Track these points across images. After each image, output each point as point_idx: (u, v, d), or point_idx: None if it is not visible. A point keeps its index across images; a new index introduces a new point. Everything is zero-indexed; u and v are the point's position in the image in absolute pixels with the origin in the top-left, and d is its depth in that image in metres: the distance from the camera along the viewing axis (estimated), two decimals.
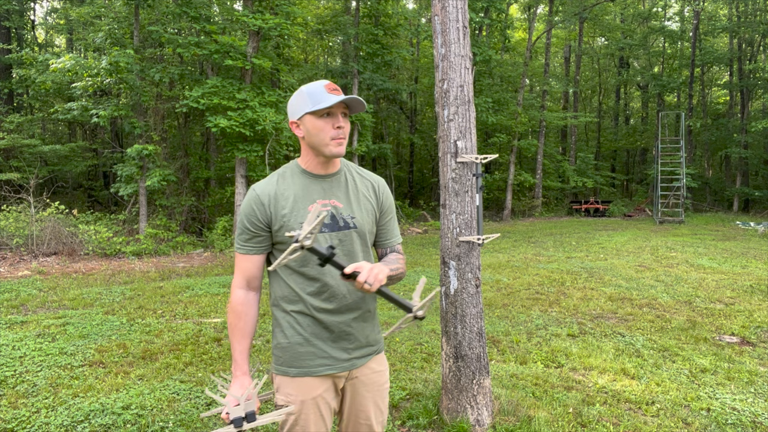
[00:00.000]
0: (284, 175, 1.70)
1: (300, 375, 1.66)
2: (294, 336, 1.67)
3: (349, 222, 1.69)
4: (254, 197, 1.65)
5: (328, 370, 1.68)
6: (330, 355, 1.68)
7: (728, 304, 6.00)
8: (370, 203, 1.77)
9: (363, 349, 1.74)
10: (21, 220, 9.75)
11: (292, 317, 1.67)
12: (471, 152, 3.01)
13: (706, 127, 24.27)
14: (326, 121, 1.61)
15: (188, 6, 10.68)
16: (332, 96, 1.60)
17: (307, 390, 1.66)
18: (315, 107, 1.59)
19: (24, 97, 16.64)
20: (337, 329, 1.68)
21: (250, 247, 1.66)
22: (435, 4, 3.06)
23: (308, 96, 1.62)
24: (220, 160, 13.50)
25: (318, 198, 1.67)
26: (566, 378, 3.81)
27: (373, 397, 1.78)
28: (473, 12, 15.46)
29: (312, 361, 1.66)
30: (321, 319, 1.66)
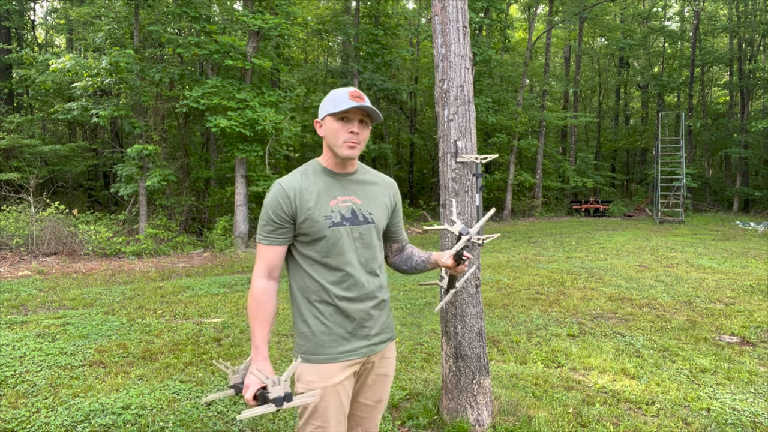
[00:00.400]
0: (306, 173, 1.81)
1: (323, 362, 1.74)
2: (317, 325, 1.75)
3: (368, 217, 1.83)
4: (280, 191, 1.74)
5: (349, 356, 1.77)
6: (351, 343, 1.78)
7: (728, 304, 6.00)
8: (385, 202, 1.92)
9: (380, 336, 1.85)
10: (21, 220, 9.75)
11: (315, 307, 1.76)
12: (471, 152, 3.01)
13: (706, 127, 24.27)
14: (342, 125, 1.74)
15: (188, 6, 10.68)
16: (351, 101, 1.71)
17: (329, 377, 1.74)
18: (334, 110, 1.72)
19: (24, 97, 16.64)
20: (358, 317, 1.78)
21: (274, 238, 1.75)
22: (435, 4, 3.06)
23: (331, 99, 1.75)
24: (220, 160, 13.50)
25: (338, 194, 1.79)
26: (566, 378, 3.81)
27: (380, 381, 1.91)
28: (473, 12, 15.46)
29: (334, 349, 1.75)
30: (343, 307, 1.76)
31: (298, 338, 1.80)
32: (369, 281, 1.81)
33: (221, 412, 3.26)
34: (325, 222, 1.74)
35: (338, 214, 1.77)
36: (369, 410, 1.93)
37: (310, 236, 1.74)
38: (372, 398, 1.91)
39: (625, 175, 30.16)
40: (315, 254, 1.75)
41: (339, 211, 1.77)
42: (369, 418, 1.94)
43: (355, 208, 1.81)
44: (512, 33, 22.96)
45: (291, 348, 4.48)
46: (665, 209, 18.02)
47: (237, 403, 3.37)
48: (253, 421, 3.14)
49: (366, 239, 1.81)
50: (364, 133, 1.78)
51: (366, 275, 1.80)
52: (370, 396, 1.91)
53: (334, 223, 1.75)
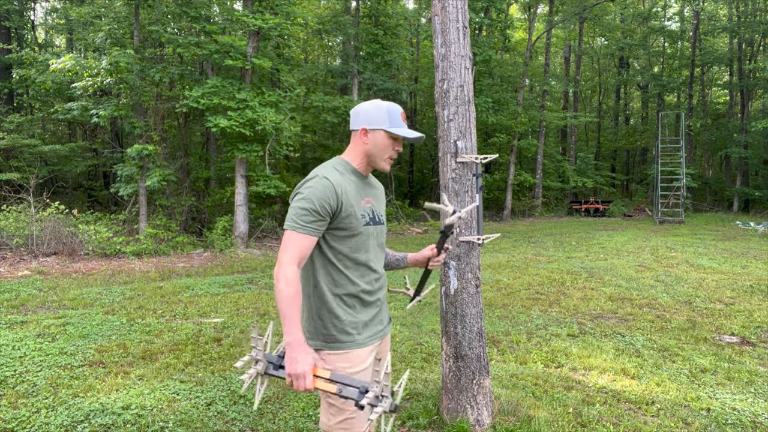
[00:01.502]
0: (341, 171, 1.89)
1: (354, 348, 1.86)
2: (346, 316, 1.87)
3: (381, 219, 1.99)
4: (329, 185, 1.79)
5: (372, 340, 1.94)
6: (372, 328, 1.95)
7: (728, 304, 6.00)
8: (384, 201, 2.10)
9: (387, 318, 2.07)
10: (21, 220, 9.75)
11: (343, 300, 1.87)
12: (471, 152, 3.01)
13: (706, 127, 24.27)
14: (392, 143, 1.89)
15: (188, 6, 10.67)
16: (405, 128, 1.89)
17: (360, 362, 1.88)
18: (392, 129, 1.86)
19: (24, 97, 16.64)
20: (375, 305, 1.96)
21: (313, 229, 1.79)
22: (435, 4, 3.06)
23: (388, 115, 1.87)
24: (220, 160, 13.50)
25: (365, 195, 1.94)
26: (566, 378, 3.81)
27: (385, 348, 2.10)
28: (473, 12, 15.46)
29: (361, 335, 1.89)
30: (366, 299, 1.92)
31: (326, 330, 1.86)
32: (381, 275, 2.00)
33: (221, 412, 3.26)
34: (362, 220, 1.87)
35: (367, 214, 1.91)
36: None
37: (347, 231, 1.84)
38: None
39: (625, 175, 30.16)
40: (346, 249, 1.85)
41: (367, 211, 1.91)
42: None
43: (374, 209, 1.96)
44: (512, 33, 22.96)
45: None
46: (665, 209, 18.02)
47: (237, 403, 3.37)
48: (253, 421, 3.14)
49: (380, 238, 1.99)
50: None
51: (381, 270, 2.00)
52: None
53: (366, 222, 1.89)
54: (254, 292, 6.73)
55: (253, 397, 3.46)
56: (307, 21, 11.95)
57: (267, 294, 6.61)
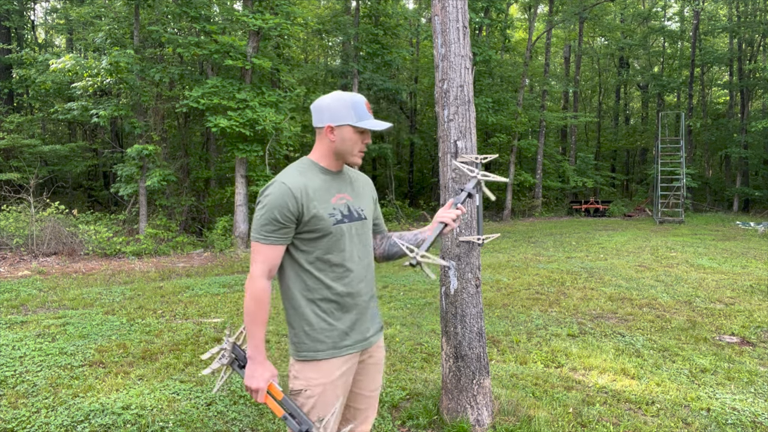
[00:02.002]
0: (303, 171, 1.82)
1: (326, 357, 1.77)
2: (319, 323, 1.78)
3: (361, 213, 1.88)
4: (286, 191, 1.72)
5: (350, 350, 1.82)
6: (351, 337, 1.82)
7: (728, 304, 6.00)
8: (369, 197, 1.97)
9: (374, 327, 1.92)
10: (21, 220, 9.75)
11: (316, 305, 1.78)
12: (471, 152, 3.01)
13: (706, 127, 24.26)
14: (360, 137, 1.81)
15: (188, 6, 10.67)
16: (372, 119, 1.80)
17: (330, 372, 1.78)
18: (358, 124, 1.77)
19: (24, 97, 16.64)
20: (357, 311, 1.83)
21: (277, 238, 1.74)
22: (435, 4, 3.06)
23: (353, 109, 1.77)
24: (220, 160, 13.50)
25: (336, 192, 1.83)
26: (566, 378, 3.81)
27: (376, 370, 1.98)
28: (473, 12, 15.45)
29: (336, 343, 1.79)
30: (344, 303, 1.80)
31: (297, 338, 1.80)
32: (366, 275, 1.87)
33: (221, 412, 3.26)
34: (330, 219, 1.77)
35: (339, 212, 1.80)
36: (369, 401, 1.99)
37: (315, 233, 1.76)
38: (369, 388, 1.98)
39: (625, 175, 30.15)
40: (318, 251, 1.77)
41: (338, 208, 1.81)
42: (370, 407, 2.01)
43: (350, 204, 1.85)
44: (512, 33, 22.95)
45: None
46: (665, 209, 18.01)
47: (237, 403, 3.37)
48: (253, 421, 3.14)
49: (362, 235, 1.87)
50: None
51: (363, 270, 1.85)
52: (366, 386, 1.97)
53: (337, 220, 1.78)
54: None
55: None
56: (307, 21, 11.95)
57: None
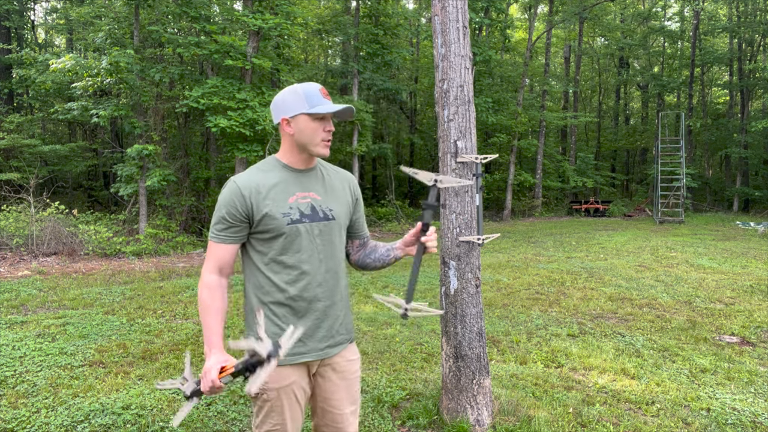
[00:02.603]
0: (264, 169, 1.76)
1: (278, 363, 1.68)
2: (270, 326, 1.71)
3: (328, 213, 1.78)
4: (235, 189, 1.68)
5: (302, 358, 1.74)
6: (305, 344, 1.73)
7: (728, 304, 6.00)
8: (346, 197, 1.86)
9: (336, 338, 1.80)
10: (21, 220, 9.75)
11: (268, 308, 1.71)
12: (471, 152, 3.01)
13: (706, 127, 24.27)
14: (319, 124, 1.70)
15: (188, 6, 10.68)
16: (329, 104, 1.69)
17: (282, 378, 1.71)
18: (312, 110, 1.67)
19: (24, 97, 16.64)
20: (312, 318, 1.73)
21: (226, 236, 1.71)
22: (435, 4, 3.06)
23: (305, 97, 1.69)
24: (220, 160, 13.50)
25: (297, 191, 1.75)
26: (566, 378, 3.81)
27: (346, 385, 1.84)
28: (473, 12, 15.46)
29: (290, 350, 1.67)
30: (297, 308, 1.71)
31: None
32: (327, 280, 1.75)
33: (221, 412, 3.26)
34: (284, 219, 1.69)
35: (297, 211, 1.71)
36: (343, 419, 1.84)
37: (267, 233, 1.70)
38: (340, 406, 1.83)
39: (625, 175, 30.16)
40: (271, 252, 1.70)
41: (298, 207, 1.72)
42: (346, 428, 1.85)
43: (315, 204, 1.75)
44: (512, 33, 22.96)
45: None
46: (665, 209, 18.01)
47: (237, 403, 3.37)
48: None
49: (326, 236, 1.76)
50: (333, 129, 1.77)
51: (324, 273, 1.75)
52: (337, 403, 1.83)
53: (292, 220, 1.69)
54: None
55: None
56: (307, 21, 11.96)
57: None
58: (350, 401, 1.86)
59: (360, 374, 1.92)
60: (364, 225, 1.99)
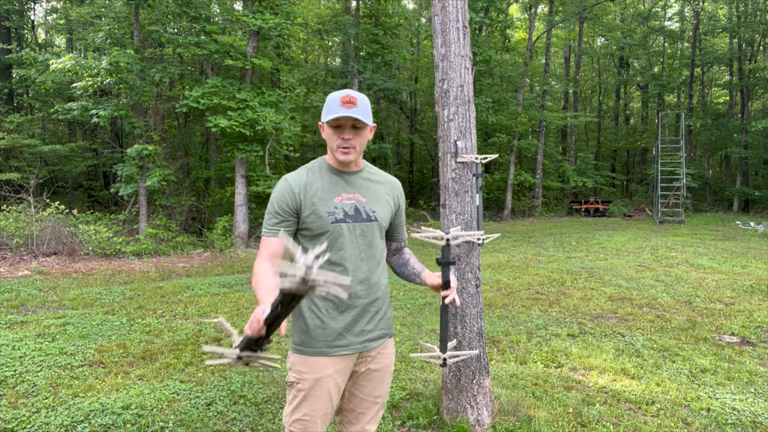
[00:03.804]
0: (313, 169, 1.88)
1: (314, 354, 1.80)
2: (312, 319, 1.81)
3: (371, 215, 1.88)
4: (286, 186, 1.82)
5: (341, 351, 1.82)
6: (345, 338, 1.82)
7: (728, 304, 6.00)
8: (389, 202, 1.95)
9: (375, 332, 1.89)
10: (21, 220, 9.74)
11: (312, 301, 1.81)
12: (471, 152, 3.01)
13: (706, 127, 24.27)
14: (335, 132, 1.80)
15: (188, 6, 10.67)
16: (341, 109, 1.75)
17: (319, 369, 1.80)
18: (326, 117, 1.78)
19: (24, 97, 16.64)
20: (353, 313, 1.83)
21: (276, 230, 1.82)
22: (435, 4, 3.06)
23: (326, 106, 1.80)
24: (220, 160, 13.49)
25: (343, 192, 1.85)
26: (566, 378, 3.81)
27: (379, 376, 1.95)
28: (473, 12, 15.46)
29: (327, 343, 1.80)
30: (338, 302, 1.81)
31: (294, 331, 1.87)
32: (368, 278, 1.85)
33: (221, 412, 3.26)
34: (328, 218, 1.79)
35: (341, 211, 1.81)
36: (367, 406, 1.96)
37: (312, 231, 1.81)
38: (370, 394, 1.95)
39: (625, 175, 30.16)
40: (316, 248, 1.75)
41: (342, 207, 1.82)
42: (367, 414, 1.97)
43: (359, 205, 1.85)
44: (512, 33, 22.96)
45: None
46: (665, 209, 18.01)
47: (237, 403, 3.37)
48: (253, 421, 3.14)
49: (368, 236, 1.85)
50: (360, 137, 1.81)
51: (365, 272, 1.84)
52: (367, 391, 1.94)
53: (336, 220, 1.80)
54: (254, 292, 6.72)
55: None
56: (307, 21, 11.96)
57: None
58: (379, 391, 1.97)
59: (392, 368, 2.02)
60: (404, 230, 2.08)
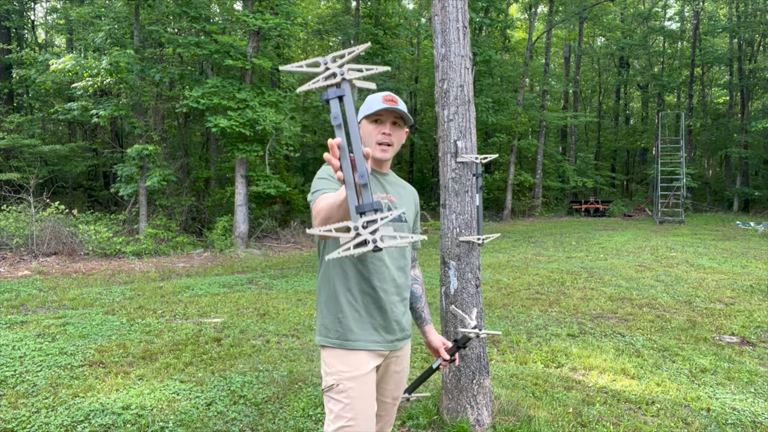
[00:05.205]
0: None
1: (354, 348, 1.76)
2: (351, 312, 1.78)
3: (402, 216, 1.89)
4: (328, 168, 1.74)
5: (378, 346, 1.80)
6: (380, 334, 1.81)
7: (728, 304, 6.00)
8: (411, 207, 1.98)
9: (403, 332, 1.89)
10: (21, 220, 9.75)
11: (352, 294, 1.78)
12: (471, 152, 3.01)
13: (706, 127, 24.28)
14: (375, 127, 1.80)
15: (188, 6, 10.68)
16: (383, 104, 1.76)
17: (360, 366, 1.76)
18: (368, 112, 1.79)
19: (24, 97, 16.63)
20: (388, 309, 1.82)
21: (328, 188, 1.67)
22: (435, 4, 3.06)
23: (367, 102, 1.82)
24: (220, 160, 13.50)
25: (378, 191, 1.85)
26: (566, 378, 3.81)
27: (398, 378, 1.94)
28: (473, 12, 15.46)
29: (368, 337, 1.78)
30: (377, 298, 1.79)
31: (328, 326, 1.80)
32: (399, 276, 1.85)
33: (221, 412, 3.26)
34: None
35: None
36: (387, 408, 1.96)
37: None
38: (390, 395, 1.95)
39: (625, 175, 30.16)
40: None
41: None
42: (385, 417, 1.97)
43: (392, 206, 1.85)
44: (512, 33, 22.96)
45: (291, 348, 4.49)
46: (665, 209, 18.01)
47: (237, 403, 3.37)
48: (253, 421, 3.14)
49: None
50: (398, 134, 1.83)
51: (396, 270, 1.85)
52: (388, 393, 1.94)
53: None
54: (254, 292, 6.73)
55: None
56: (307, 21, 11.96)
57: (267, 294, 6.61)
58: (398, 392, 1.97)
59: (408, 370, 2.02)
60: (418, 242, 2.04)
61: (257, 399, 3.43)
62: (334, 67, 1.20)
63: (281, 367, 4.00)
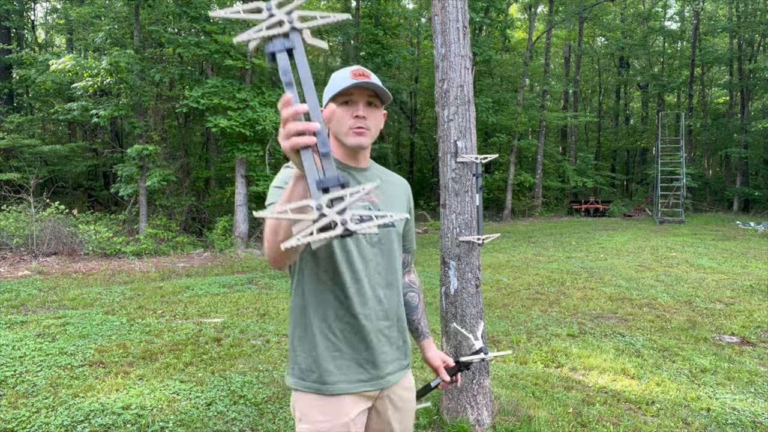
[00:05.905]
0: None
1: (334, 393, 1.44)
2: (328, 348, 1.45)
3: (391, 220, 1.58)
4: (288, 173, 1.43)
5: (364, 387, 1.47)
6: (366, 371, 1.48)
7: (728, 304, 6.00)
8: (402, 204, 1.63)
9: (397, 362, 1.56)
10: (21, 220, 9.74)
11: (328, 325, 1.45)
12: (471, 152, 3.01)
13: (706, 127, 24.28)
14: (346, 109, 1.44)
15: (188, 6, 10.68)
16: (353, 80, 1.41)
17: (341, 413, 1.43)
18: (335, 91, 1.43)
19: (24, 97, 16.63)
20: (374, 338, 1.48)
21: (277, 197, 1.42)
22: (435, 4, 3.06)
23: (332, 81, 1.48)
24: (220, 160, 13.49)
25: None
26: (566, 378, 3.81)
27: (399, 417, 1.59)
28: (473, 12, 15.45)
29: (347, 376, 1.45)
30: (358, 325, 1.45)
31: (302, 366, 1.47)
32: (387, 295, 1.51)
33: (221, 412, 3.26)
34: None
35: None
36: None
37: None
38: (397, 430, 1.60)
39: (625, 175, 30.17)
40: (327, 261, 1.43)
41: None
42: None
43: (373, 208, 1.51)
44: (512, 33, 22.96)
45: None
46: (665, 209, 18.01)
47: (237, 403, 3.37)
48: (253, 421, 3.14)
49: (385, 245, 1.51)
50: (374, 116, 1.46)
51: (384, 288, 1.50)
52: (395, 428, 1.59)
53: None
54: (254, 292, 6.73)
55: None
56: None
57: (267, 294, 6.61)
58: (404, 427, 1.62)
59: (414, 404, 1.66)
60: (413, 239, 1.73)
61: (257, 399, 3.43)
62: (281, 14, 0.98)
63: (281, 367, 4.00)
